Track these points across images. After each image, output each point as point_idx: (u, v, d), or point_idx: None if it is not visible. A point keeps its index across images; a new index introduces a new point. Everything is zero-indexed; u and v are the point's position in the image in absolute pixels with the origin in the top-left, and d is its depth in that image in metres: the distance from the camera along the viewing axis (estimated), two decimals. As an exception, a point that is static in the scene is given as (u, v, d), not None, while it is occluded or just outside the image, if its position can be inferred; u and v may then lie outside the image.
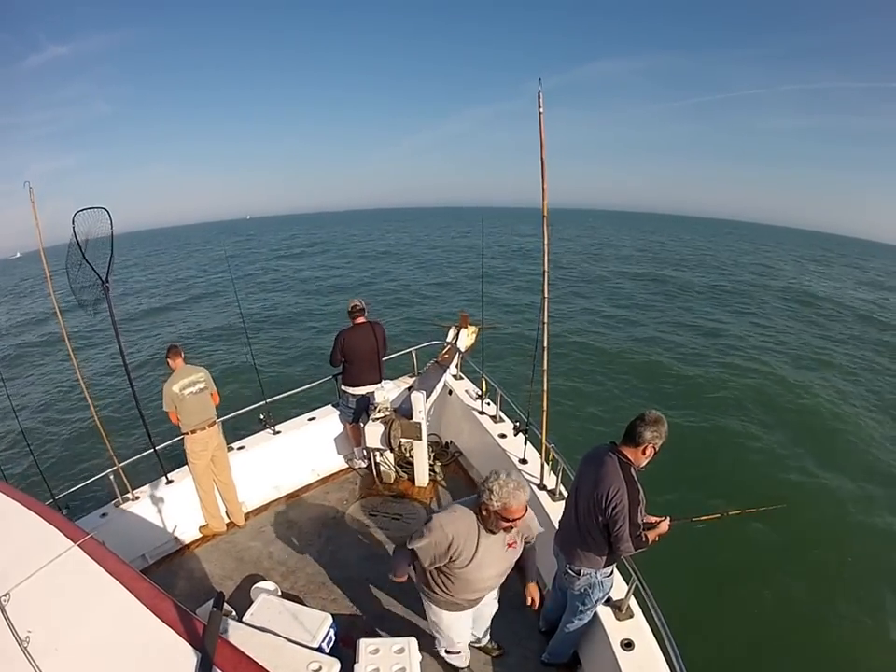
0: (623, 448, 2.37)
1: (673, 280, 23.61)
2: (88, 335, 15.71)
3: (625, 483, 2.29)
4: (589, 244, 42.03)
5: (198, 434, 4.03)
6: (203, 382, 4.09)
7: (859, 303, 20.67)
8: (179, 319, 18.28)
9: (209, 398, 4.14)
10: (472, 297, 17.44)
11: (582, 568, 2.53)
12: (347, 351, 4.60)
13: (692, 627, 4.07)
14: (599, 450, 2.49)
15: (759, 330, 15.19)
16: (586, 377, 10.98)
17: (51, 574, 1.85)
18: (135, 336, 15.69)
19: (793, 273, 29.42)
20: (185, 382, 4.00)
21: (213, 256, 40.76)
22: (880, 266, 41.74)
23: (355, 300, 4.73)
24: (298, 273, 27.37)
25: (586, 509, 2.44)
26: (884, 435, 8.95)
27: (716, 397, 10.08)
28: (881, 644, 4.86)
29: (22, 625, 1.64)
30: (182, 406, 3.97)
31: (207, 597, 3.17)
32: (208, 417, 4.10)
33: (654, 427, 2.29)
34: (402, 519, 4.27)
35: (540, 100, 2.54)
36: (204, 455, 4.08)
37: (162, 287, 26.02)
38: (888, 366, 12.63)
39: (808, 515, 6.33)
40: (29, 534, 2.19)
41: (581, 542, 2.51)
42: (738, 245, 50.11)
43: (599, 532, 2.42)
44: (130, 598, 1.85)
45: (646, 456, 2.35)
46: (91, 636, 1.75)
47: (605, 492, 2.31)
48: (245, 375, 10.45)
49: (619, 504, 2.27)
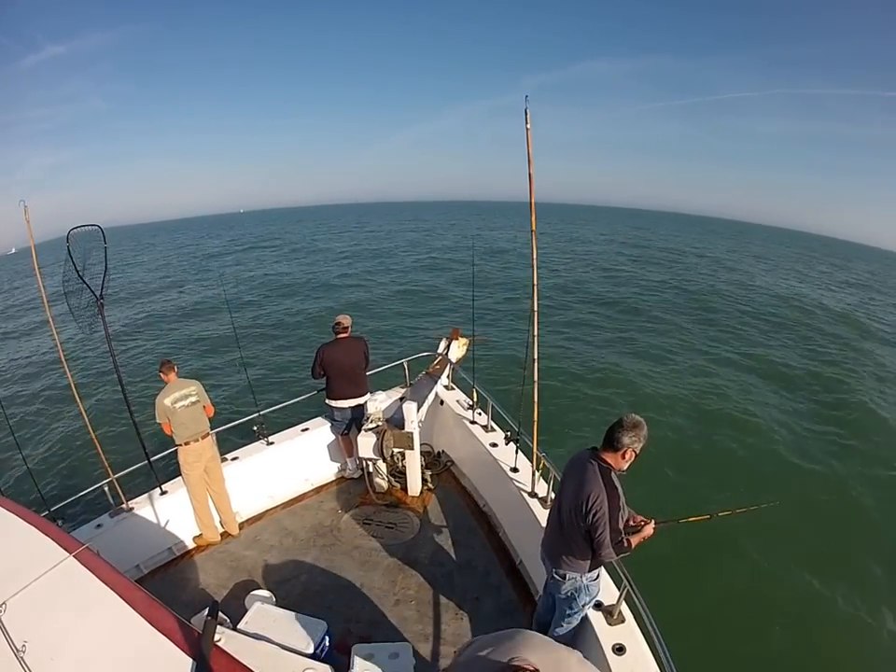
0: (604, 453, 2.42)
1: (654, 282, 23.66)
2: (81, 345, 15.61)
3: (605, 489, 2.33)
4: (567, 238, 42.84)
5: (191, 446, 4.08)
6: (195, 395, 4.15)
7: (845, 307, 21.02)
8: (170, 328, 18.18)
9: (202, 410, 4.19)
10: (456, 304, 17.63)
11: (568, 573, 2.57)
12: (326, 364, 4.71)
13: (683, 631, 4.14)
14: (581, 455, 2.53)
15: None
16: (576, 385, 11.05)
17: (47, 584, 1.89)
18: (128, 344, 15.60)
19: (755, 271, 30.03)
20: (176, 395, 4.06)
21: (206, 253, 40.48)
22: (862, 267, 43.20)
23: (340, 316, 4.85)
24: (283, 276, 27.27)
25: (569, 514, 2.48)
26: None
27: (709, 403, 10.24)
28: (878, 643, 4.93)
29: (18, 635, 1.67)
30: (174, 419, 4.03)
31: (202, 606, 3.19)
32: (201, 430, 4.15)
33: (633, 432, 2.34)
34: (396, 527, 4.32)
35: (527, 116, 2.60)
36: (197, 465, 4.12)
37: (155, 292, 25.79)
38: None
39: (800, 512, 6.45)
40: (25, 545, 2.22)
41: (566, 547, 2.55)
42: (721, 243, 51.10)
43: (582, 537, 2.46)
44: (125, 608, 1.88)
45: (626, 460, 2.40)
46: (87, 645, 1.78)
47: (585, 498, 2.35)
48: (237, 387, 10.46)
49: (599, 510, 2.32)
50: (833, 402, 10.63)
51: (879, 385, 11.91)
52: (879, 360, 14.06)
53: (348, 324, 4.80)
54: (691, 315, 17.50)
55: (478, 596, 3.56)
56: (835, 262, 47.07)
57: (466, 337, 5.78)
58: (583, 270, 25.82)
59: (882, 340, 16.65)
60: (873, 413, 10.18)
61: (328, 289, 21.55)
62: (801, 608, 5.29)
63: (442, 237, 42.91)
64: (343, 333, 4.77)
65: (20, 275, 37.64)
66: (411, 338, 13.96)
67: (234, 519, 4.39)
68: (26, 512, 2.44)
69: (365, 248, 36.01)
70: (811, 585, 5.54)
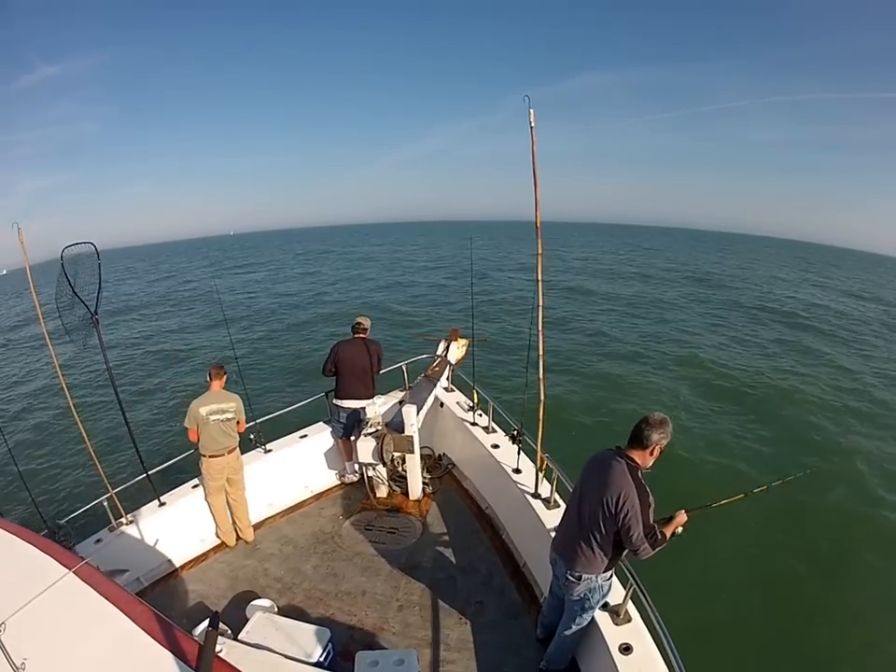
0: (630, 451, 2.41)
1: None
2: (78, 359, 15.54)
3: (634, 487, 2.32)
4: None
5: (216, 459, 4.03)
6: (232, 412, 4.07)
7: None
8: (167, 334, 18.18)
9: (234, 427, 4.12)
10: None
11: (583, 574, 2.54)
12: (339, 362, 4.70)
13: (691, 630, 4.08)
14: (605, 454, 2.51)
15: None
16: (577, 384, 11.05)
17: (47, 602, 1.85)
18: (124, 356, 15.56)
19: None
20: (213, 407, 3.99)
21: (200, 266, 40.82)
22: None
23: (361, 317, 4.89)
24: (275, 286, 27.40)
25: (593, 514, 2.44)
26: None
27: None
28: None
29: (18, 654, 1.64)
30: (204, 430, 3.96)
31: (203, 618, 3.15)
32: (229, 444, 4.09)
33: (661, 429, 2.35)
34: (397, 532, 4.27)
35: (531, 116, 2.64)
36: (219, 478, 4.09)
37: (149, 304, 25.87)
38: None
39: (834, 483, 6.44)
40: (24, 564, 2.19)
41: (585, 547, 2.50)
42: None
43: (606, 537, 2.43)
44: (126, 622, 1.86)
45: (653, 457, 2.40)
46: (88, 661, 1.76)
47: (615, 497, 2.33)
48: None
49: (630, 509, 2.30)
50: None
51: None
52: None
53: (368, 325, 4.83)
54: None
55: (482, 600, 3.52)
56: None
57: (465, 337, 5.74)
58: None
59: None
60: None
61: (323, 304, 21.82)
62: (811, 606, 5.21)
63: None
64: (361, 334, 4.79)
65: (13, 295, 37.97)
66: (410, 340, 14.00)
67: (250, 526, 4.35)
68: (24, 532, 2.41)
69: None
70: (824, 583, 5.47)
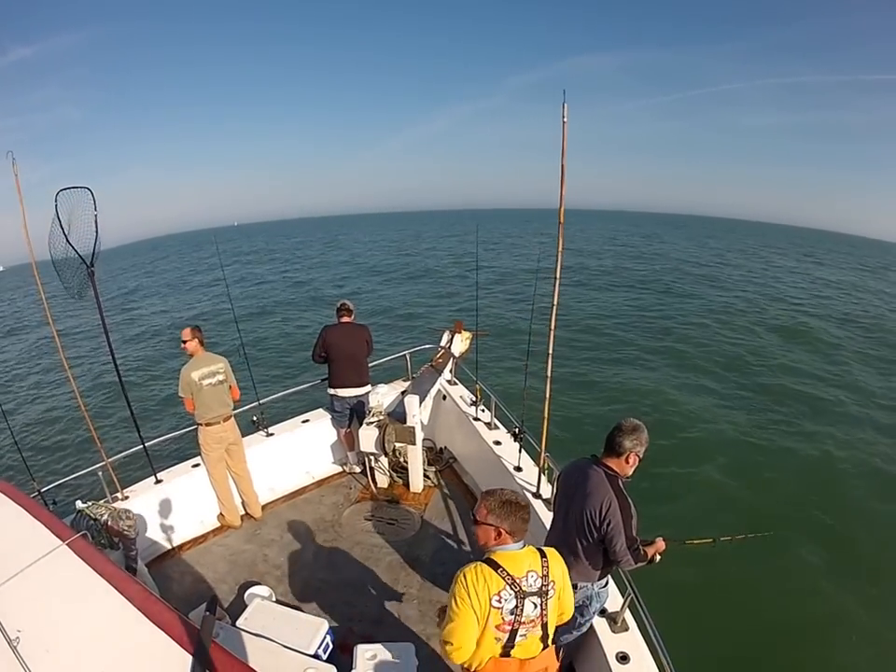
0: (607, 460, 2.33)
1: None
2: (79, 330, 15.52)
3: (615, 496, 2.25)
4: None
5: (212, 427, 3.93)
6: (222, 373, 3.96)
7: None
8: (166, 313, 18.12)
9: (227, 391, 4.02)
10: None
11: (578, 583, 2.48)
12: (328, 347, 4.56)
13: (687, 641, 4.06)
14: (581, 464, 2.43)
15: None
16: (576, 384, 11.00)
17: (40, 572, 1.81)
18: (123, 324, 15.54)
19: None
20: (204, 371, 3.86)
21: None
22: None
23: (344, 300, 4.75)
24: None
25: (578, 524, 2.38)
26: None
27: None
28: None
29: (11, 625, 1.60)
30: (198, 396, 3.83)
31: (200, 601, 3.13)
32: (224, 411, 3.99)
33: (634, 436, 2.25)
34: (397, 524, 4.25)
35: (564, 110, 2.57)
36: (218, 448, 4.01)
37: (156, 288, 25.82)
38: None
39: (796, 543, 6.26)
40: (14, 529, 2.12)
41: (575, 557, 2.44)
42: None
43: (593, 546, 2.37)
44: (121, 600, 1.81)
45: (630, 465, 2.30)
46: (82, 638, 1.72)
47: (597, 507, 2.26)
48: (236, 376, 10.39)
49: (613, 519, 2.23)
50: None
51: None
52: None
53: (352, 307, 4.70)
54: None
55: None
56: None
57: (469, 330, 5.68)
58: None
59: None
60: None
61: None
62: (807, 621, 5.14)
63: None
64: (346, 316, 4.64)
65: (8, 291, 39.74)
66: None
67: (257, 501, 4.25)
68: (15, 492, 2.33)
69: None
70: (821, 599, 5.39)
